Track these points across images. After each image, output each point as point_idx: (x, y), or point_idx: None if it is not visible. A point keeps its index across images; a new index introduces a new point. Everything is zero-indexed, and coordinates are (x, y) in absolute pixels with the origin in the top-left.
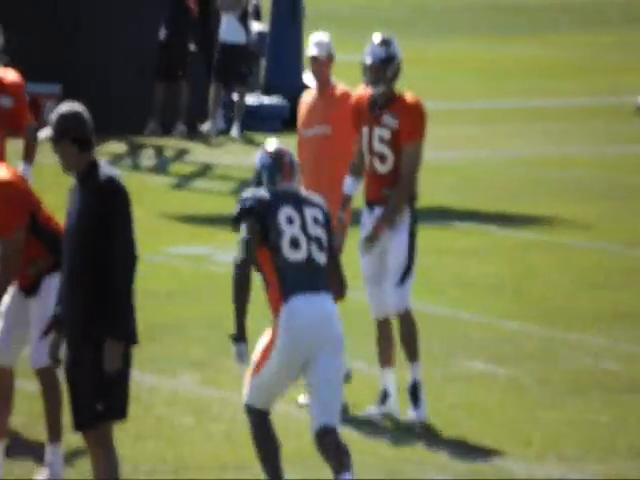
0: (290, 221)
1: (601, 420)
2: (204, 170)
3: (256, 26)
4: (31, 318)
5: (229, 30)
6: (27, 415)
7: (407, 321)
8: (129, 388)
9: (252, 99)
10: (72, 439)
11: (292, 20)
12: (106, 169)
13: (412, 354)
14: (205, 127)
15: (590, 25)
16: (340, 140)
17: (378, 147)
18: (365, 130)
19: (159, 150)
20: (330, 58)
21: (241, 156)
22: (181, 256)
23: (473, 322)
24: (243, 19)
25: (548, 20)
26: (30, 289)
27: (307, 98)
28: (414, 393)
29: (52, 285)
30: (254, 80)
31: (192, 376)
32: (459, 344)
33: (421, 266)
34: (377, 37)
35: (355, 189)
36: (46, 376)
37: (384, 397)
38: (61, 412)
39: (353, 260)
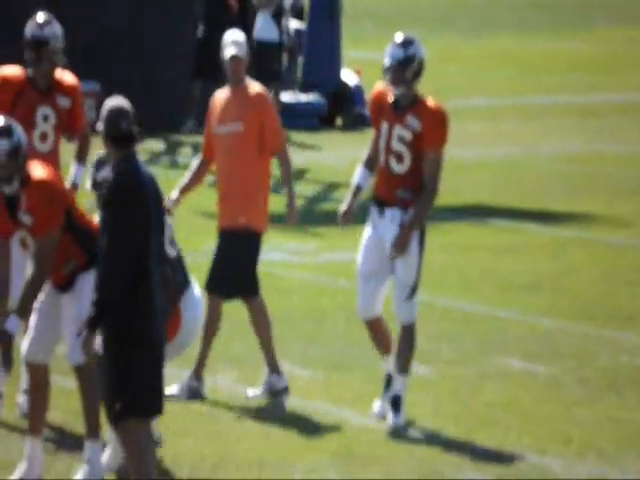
0: None
1: (638, 418)
2: None
3: (294, 23)
4: (65, 315)
5: (263, 28)
6: (66, 412)
7: (409, 334)
8: (158, 387)
9: (289, 96)
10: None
11: (329, 17)
12: (130, 165)
13: (404, 366)
14: None
15: (627, 20)
16: (252, 138)
17: (397, 146)
18: (385, 127)
19: (197, 148)
20: (246, 57)
21: None
22: None
23: (509, 319)
24: (277, 17)
25: (585, 15)
26: (64, 286)
27: (220, 96)
28: (396, 404)
29: (86, 282)
30: (291, 77)
31: (231, 373)
32: (495, 342)
33: (457, 263)
34: (399, 37)
35: (366, 182)
36: (83, 373)
37: (388, 382)
38: (99, 409)
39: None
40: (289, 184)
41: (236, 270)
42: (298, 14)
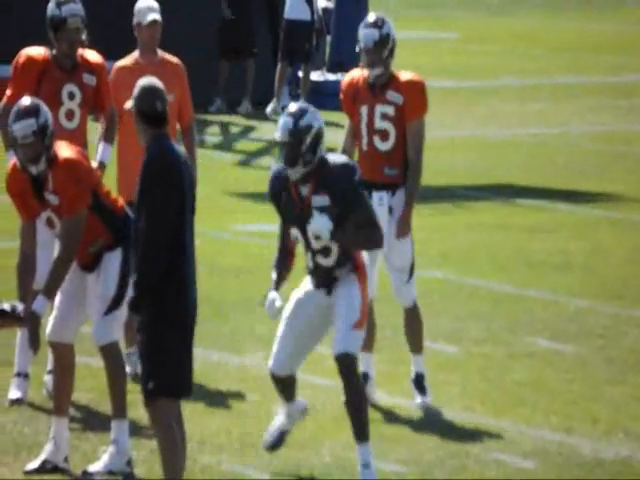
0: None
1: None
2: (270, 147)
3: (321, 2)
4: (91, 295)
5: (294, 7)
6: (93, 392)
7: (414, 315)
8: (189, 368)
9: (317, 76)
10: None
11: None
12: (163, 145)
13: (417, 346)
14: (268, 109)
15: None
16: (176, 110)
17: (380, 124)
18: (364, 109)
19: (225, 127)
20: (161, 24)
21: None
22: (247, 233)
23: (538, 299)
24: None
25: None
26: (90, 266)
27: (129, 64)
28: (419, 383)
29: (112, 261)
30: (319, 57)
31: (258, 353)
32: (523, 321)
33: (487, 243)
34: (371, 17)
35: None
36: (110, 353)
37: (363, 380)
38: (125, 389)
39: None
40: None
41: None
42: None
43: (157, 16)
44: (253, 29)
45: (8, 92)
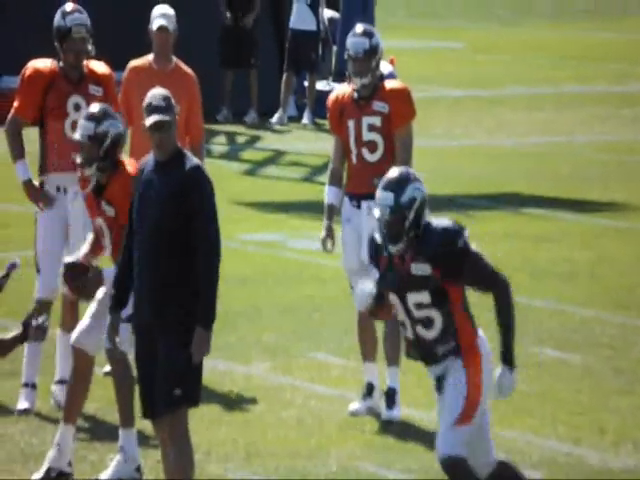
0: None
1: None
2: (276, 157)
3: (327, 13)
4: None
5: (300, 17)
6: (100, 401)
7: (395, 325)
8: (202, 376)
9: (323, 85)
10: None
11: (363, 7)
12: (191, 156)
13: (394, 357)
14: (274, 119)
15: None
16: (182, 122)
17: (368, 136)
18: (352, 123)
19: (231, 137)
20: (175, 32)
21: (312, 143)
22: (253, 242)
23: (544, 308)
24: (314, 6)
25: (621, 5)
26: None
27: (142, 67)
28: (391, 397)
29: None
30: (325, 67)
31: (264, 363)
32: (530, 331)
33: (492, 252)
34: (359, 28)
35: (338, 199)
36: (117, 362)
37: (369, 391)
38: (132, 397)
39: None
40: None
41: None
42: (333, 3)
43: (165, 22)
44: (255, 40)
45: (15, 104)
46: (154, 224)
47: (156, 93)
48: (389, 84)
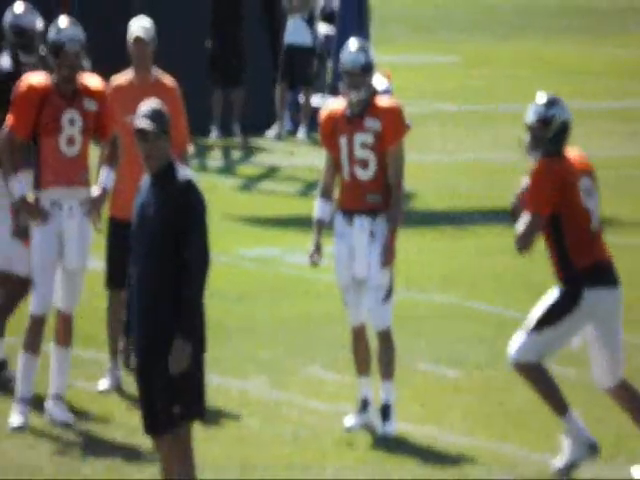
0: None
1: None
2: (271, 172)
3: (323, 28)
4: None
5: (295, 32)
6: (95, 418)
7: (387, 340)
8: (203, 390)
9: (318, 100)
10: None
11: (359, 22)
12: (184, 170)
13: (388, 373)
14: (271, 133)
15: None
16: (174, 133)
17: (360, 153)
18: (344, 140)
19: (226, 152)
20: (153, 43)
21: (308, 157)
22: (249, 258)
23: None
24: (310, 21)
25: (620, 21)
26: None
27: (123, 82)
28: (386, 412)
29: None
30: (321, 82)
31: (260, 377)
32: None
33: (490, 267)
34: (354, 43)
35: (327, 214)
36: None
37: (364, 406)
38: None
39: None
40: None
41: None
42: (328, 19)
43: (141, 33)
44: (243, 58)
45: (10, 120)
46: (150, 240)
47: (148, 104)
48: (381, 101)
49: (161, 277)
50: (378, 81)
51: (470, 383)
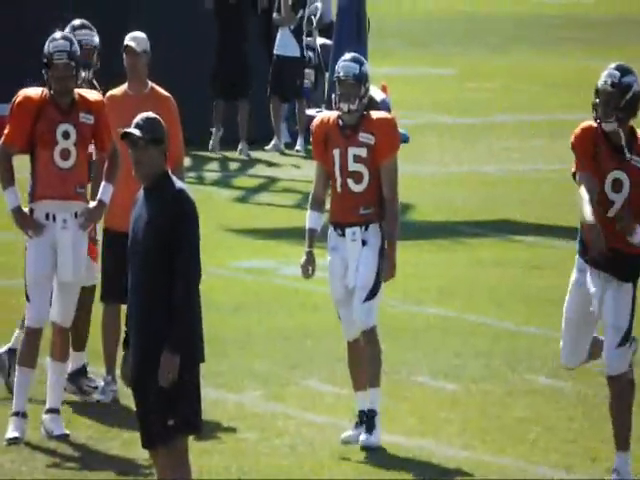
0: None
1: None
2: (268, 183)
3: (320, 40)
4: None
5: (283, 43)
6: (91, 429)
7: (372, 341)
8: (200, 404)
9: (315, 113)
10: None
11: (356, 34)
12: (177, 180)
13: (373, 378)
14: (270, 146)
15: None
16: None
17: (354, 167)
18: (337, 152)
19: (223, 163)
20: (147, 55)
21: (305, 169)
22: (245, 269)
23: (538, 336)
24: (298, 33)
25: (617, 33)
26: None
27: (116, 94)
28: (370, 420)
29: None
30: (318, 94)
31: (256, 391)
32: (523, 358)
33: (486, 280)
34: (348, 54)
35: (319, 224)
36: None
37: (361, 420)
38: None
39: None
40: None
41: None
42: (326, 30)
43: (133, 44)
44: (248, 70)
45: (5, 131)
46: (144, 252)
47: (143, 114)
48: (375, 114)
49: (155, 289)
50: (374, 93)
51: (467, 396)
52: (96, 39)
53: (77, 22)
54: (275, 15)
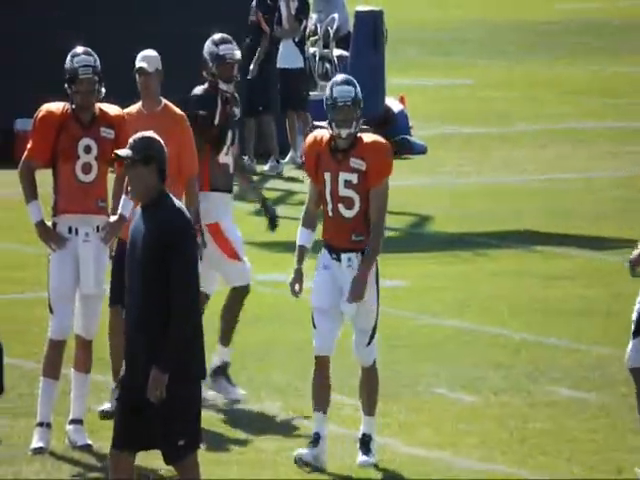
0: None
1: None
2: (286, 197)
3: (336, 51)
4: None
5: (286, 56)
6: (102, 440)
7: (371, 374)
8: (201, 416)
9: (326, 124)
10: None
11: (374, 45)
12: (175, 200)
13: (371, 408)
14: (286, 159)
15: None
16: (174, 161)
17: (344, 192)
18: (328, 176)
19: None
20: (158, 73)
21: None
22: (264, 283)
23: (559, 347)
24: (300, 44)
25: (634, 40)
26: None
27: (131, 111)
28: (366, 444)
29: None
30: None
31: (275, 402)
32: (544, 370)
33: (506, 291)
34: (340, 77)
35: (311, 241)
36: None
37: (316, 441)
38: None
39: None
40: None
41: None
42: (343, 41)
43: (144, 64)
44: (272, 88)
45: (28, 146)
46: (139, 267)
47: (138, 133)
48: (368, 138)
49: (149, 306)
50: (392, 104)
51: (486, 408)
52: (239, 54)
53: (217, 36)
54: (276, 28)
